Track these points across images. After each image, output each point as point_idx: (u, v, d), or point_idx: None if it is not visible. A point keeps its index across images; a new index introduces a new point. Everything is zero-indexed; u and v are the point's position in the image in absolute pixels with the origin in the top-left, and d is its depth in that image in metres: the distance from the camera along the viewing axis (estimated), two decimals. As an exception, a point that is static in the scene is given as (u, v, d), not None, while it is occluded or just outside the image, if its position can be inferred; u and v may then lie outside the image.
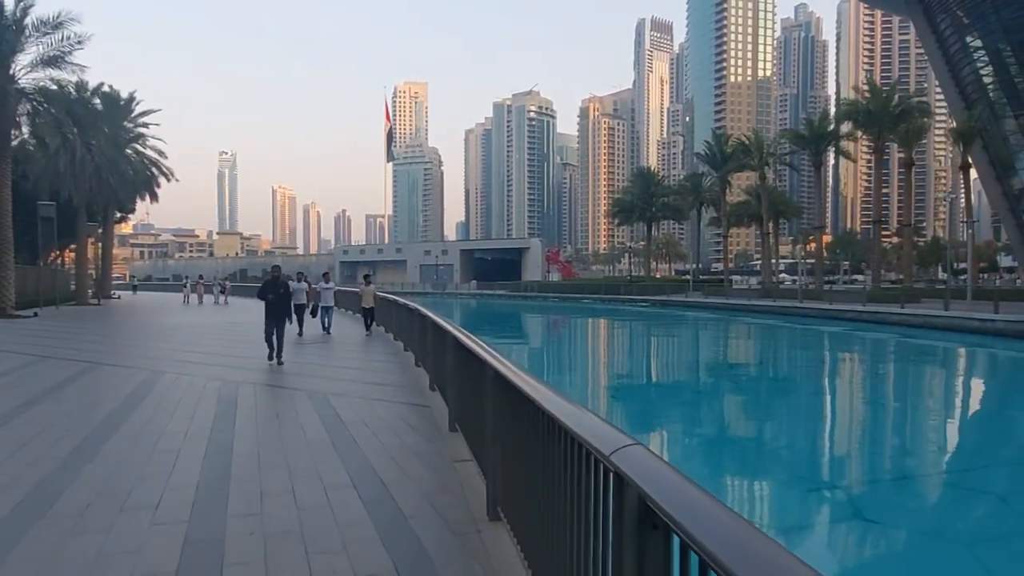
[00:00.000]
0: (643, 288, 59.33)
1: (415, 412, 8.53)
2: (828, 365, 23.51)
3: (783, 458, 12.14)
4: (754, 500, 10.40)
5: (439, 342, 8.66)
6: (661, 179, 70.84)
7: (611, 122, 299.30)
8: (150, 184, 45.83)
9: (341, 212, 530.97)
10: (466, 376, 6.35)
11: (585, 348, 30.84)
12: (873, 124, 42.24)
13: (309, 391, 9.89)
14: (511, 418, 4.19)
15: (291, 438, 7.06)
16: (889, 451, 12.46)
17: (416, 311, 12.31)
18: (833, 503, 9.93)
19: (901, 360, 24.81)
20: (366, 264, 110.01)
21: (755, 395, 18.01)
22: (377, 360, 14.10)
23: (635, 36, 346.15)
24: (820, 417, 15.58)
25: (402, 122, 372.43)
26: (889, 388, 19.19)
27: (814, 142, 47.25)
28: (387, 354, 14.97)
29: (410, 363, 13.03)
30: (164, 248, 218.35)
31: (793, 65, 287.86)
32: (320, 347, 16.04)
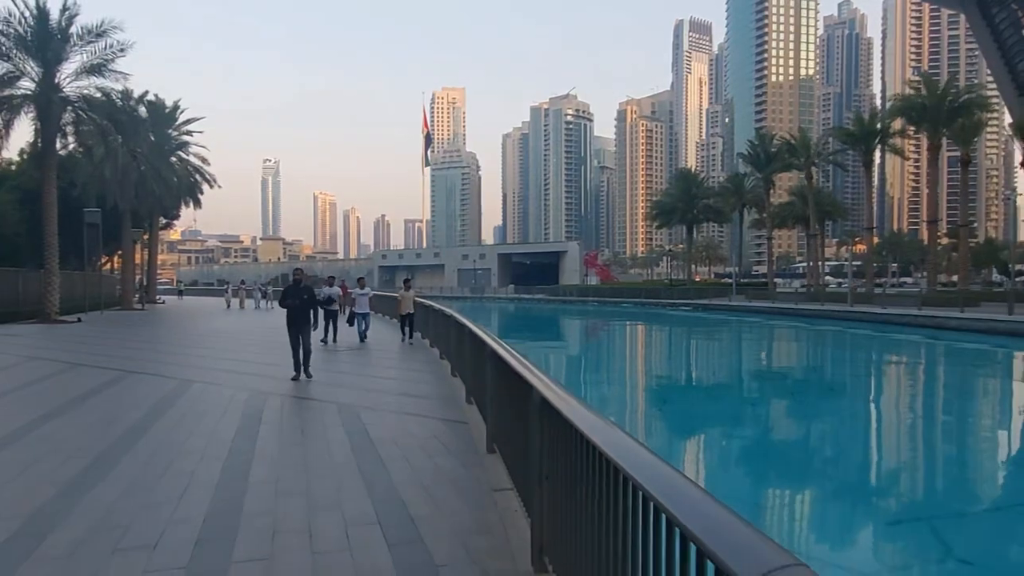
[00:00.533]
0: (684, 292, 57.91)
1: (450, 429, 7.87)
2: (904, 378, 21.70)
3: (872, 487, 11.13)
4: (848, 539, 9.47)
5: (476, 354, 8.00)
6: (702, 180, 69.15)
7: (649, 124, 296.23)
8: (194, 191, 46.43)
9: (380, 217, 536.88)
10: (506, 395, 5.68)
11: (632, 355, 29.73)
12: (928, 120, 40.21)
13: (339, 404, 9.32)
14: (564, 459, 3.47)
15: (315, 459, 6.46)
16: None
17: (452, 318, 11.69)
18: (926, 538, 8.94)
19: (981, 371, 22.96)
20: (404, 269, 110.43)
21: (829, 411, 16.85)
22: (412, 370, 13.52)
23: (673, 38, 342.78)
24: (909, 438, 14.36)
25: (440, 128, 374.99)
26: (983, 406, 17.75)
27: (864, 140, 45.24)
28: (422, 363, 14.38)
29: (446, 372, 12.42)
30: (210, 253, 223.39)
31: (836, 63, 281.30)
32: (353, 356, 15.51)
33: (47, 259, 27.17)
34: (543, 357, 28.09)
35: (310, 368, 11.70)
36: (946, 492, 10.61)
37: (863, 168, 47.73)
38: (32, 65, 26.24)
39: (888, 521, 9.41)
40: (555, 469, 3.75)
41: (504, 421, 5.93)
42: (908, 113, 41.84)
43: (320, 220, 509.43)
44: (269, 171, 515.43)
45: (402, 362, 14.49)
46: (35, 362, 14.45)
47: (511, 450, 5.47)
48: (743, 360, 26.51)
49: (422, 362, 14.41)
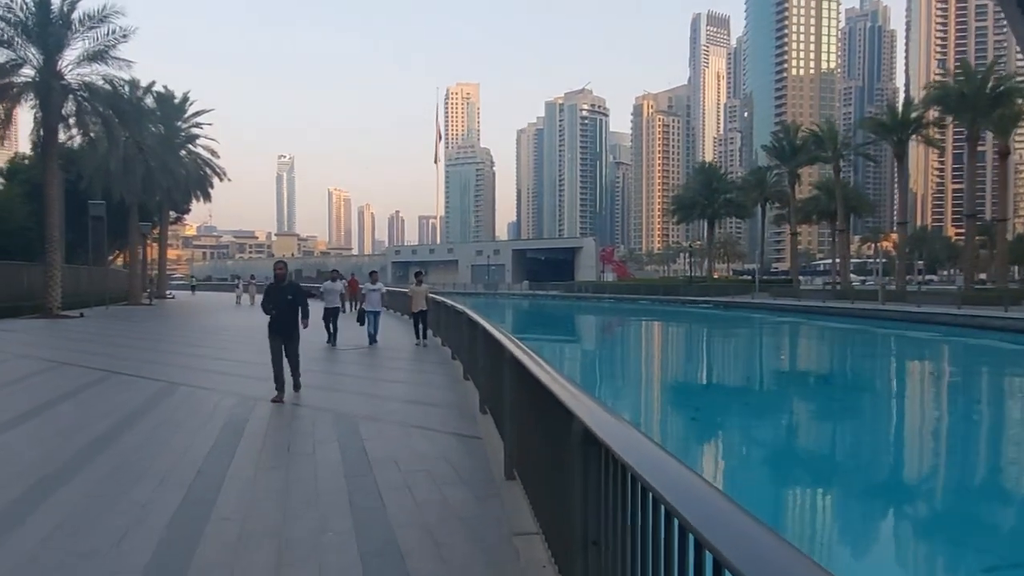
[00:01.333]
0: (705, 289, 56.30)
1: (462, 446, 6.72)
2: (955, 383, 20.10)
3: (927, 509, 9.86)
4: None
5: (492, 357, 6.83)
6: (723, 174, 67.30)
7: (665, 119, 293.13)
8: (203, 184, 45.66)
9: (395, 213, 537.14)
10: (530, 412, 4.54)
11: (658, 355, 28.15)
12: (966, 109, 38.27)
13: (336, 413, 8.19)
14: (623, 522, 2.30)
15: (297, 487, 5.33)
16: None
17: (464, 315, 10.53)
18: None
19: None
20: (418, 264, 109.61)
21: (875, 418, 15.56)
22: (421, 372, 12.40)
23: (690, 32, 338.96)
24: (973, 459, 12.96)
25: (454, 123, 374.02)
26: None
27: (896, 130, 43.30)
28: (433, 364, 13.26)
29: (458, 375, 11.28)
30: (225, 249, 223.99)
31: (858, 57, 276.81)
32: (358, 357, 14.26)
33: (48, 252, 26.37)
34: (561, 355, 26.84)
35: (299, 381, 9.56)
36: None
37: (895, 160, 45.77)
38: (33, 52, 25.40)
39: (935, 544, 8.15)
40: (609, 534, 2.59)
41: (528, 445, 4.78)
42: (945, 101, 39.86)
43: (335, 216, 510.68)
44: (284, 167, 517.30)
45: (411, 364, 13.34)
46: (21, 360, 13.49)
47: (537, 483, 4.32)
48: (782, 364, 24.72)
49: (433, 364, 13.28)
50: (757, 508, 5.32)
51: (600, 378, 21.37)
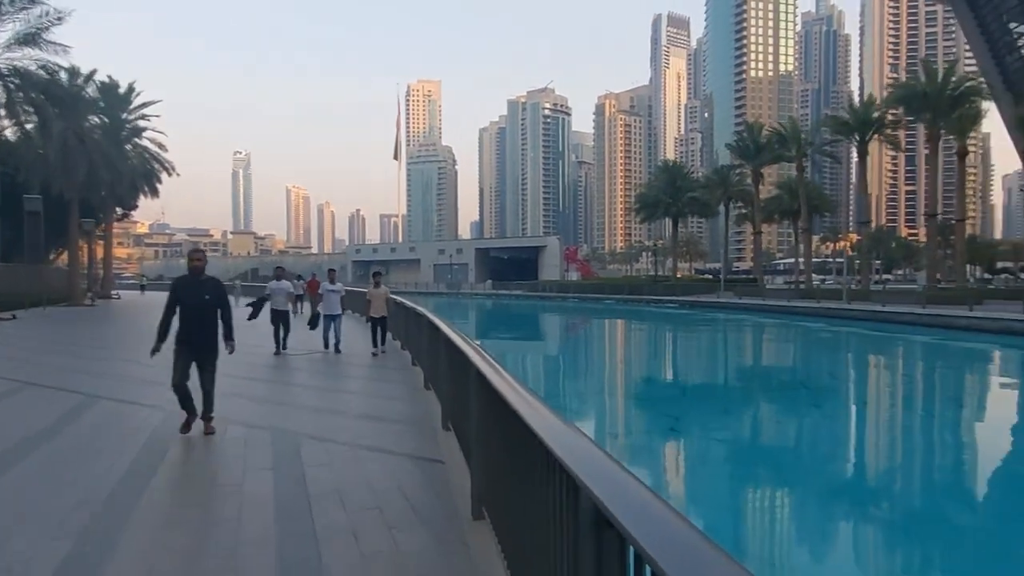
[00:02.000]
0: (670, 288, 56.03)
1: (420, 472, 5.76)
2: (934, 384, 19.76)
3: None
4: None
5: (457, 370, 5.88)
6: (687, 172, 67.24)
7: (627, 119, 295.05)
8: (151, 179, 43.52)
9: (355, 212, 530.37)
10: (502, 440, 3.66)
11: (630, 358, 27.05)
12: (927, 109, 38.64)
13: (277, 432, 7.13)
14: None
15: (213, 536, 4.30)
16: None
17: (424, 318, 9.54)
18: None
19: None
20: (379, 263, 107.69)
21: (861, 420, 15.04)
22: (377, 381, 11.35)
23: (651, 32, 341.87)
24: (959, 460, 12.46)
25: (416, 121, 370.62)
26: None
27: (859, 129, 43.65)
28: (392, 370, 12.22)
29: (419, 383, 10.28)
30: (178, 248, 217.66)
31: (815, 60, 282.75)
32: (310, 365, 12.85)
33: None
34: (529, 358, 26.00)
35: (211, 414, 7.00)
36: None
37: (858, 159, 46.15)
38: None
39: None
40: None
41: (500, 481, 3.86)
42: (907, 101, 40.24)
43: (293, 214, 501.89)
44: (240, 164, 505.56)
45: (367, 372, 12.22)
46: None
47: (513, 529, 3.41)
48: (758, 366, 24.06)
49: (391, 370, 12.24)
50: (744, 518, 4.04)
51: (571, 383, 20.57)
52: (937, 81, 38.92)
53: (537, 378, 20.94)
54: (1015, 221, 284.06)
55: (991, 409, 16.77)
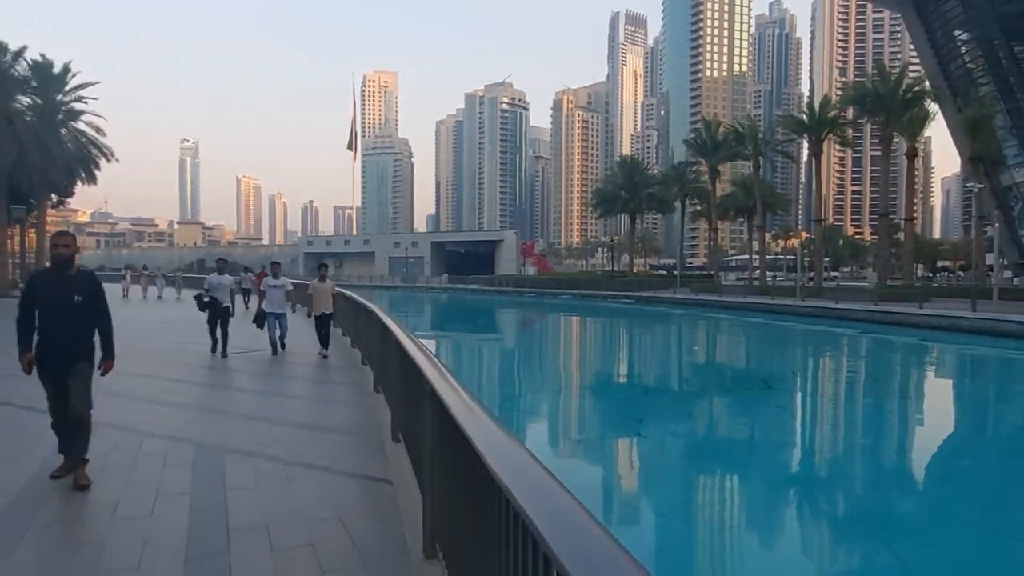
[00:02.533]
0: (626, 284, 55.94)
1: (364, 496, 5.00)
2: (890, 381, 19.70)
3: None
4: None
5: (410, 380, 5.13)
6: (645, 168, 67.36)
7: (585, 115, 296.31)
8: (88, 164, 41.21)
9: (308, 203, 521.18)
10: (460, 477, 2.93)
11: (589, 355, 26.34)
12: (881, 110, 39.22)
13: (200, 446, 6.24)
14: None
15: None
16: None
17: (374, 315, 8.74)
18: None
19: (981, 377, 21.11)
20: (332, 256, 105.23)
21: (827, 417, 14.76)
22: (323, 383, 10.45)
23: (609, 30, 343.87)
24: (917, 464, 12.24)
25: (372, 112, 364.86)
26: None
27: (815, 129, 44.20)
28: (339, 370, 11.35)
29: (368, 384, 9.47)
30: (121, 237, 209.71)
31: (767, 62, 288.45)
32: (250, 366, 11.69)
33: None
34: (486, 354, 25.32)
35: (85, 448, 5.12)
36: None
37: (813, 158, 46.63)
38: None
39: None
40: None
41: (454, 513, 3.15)
42: (862, 102, 40.80)
43: (244, 205, 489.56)
44: (188, 152, 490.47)
45: (312, 373, 11.28)
46: None
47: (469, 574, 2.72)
48: (717, 363, 23.63)
49: (339, 370, 11.37)
50: (698, 514, 3.22)
51: (529, 381, 19.90)
52: (891, 83, 39.60)
53: (492, 376, 20.28)
54: (952, 222, 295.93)
55: (953, 404, 16.81)
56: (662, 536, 8.21)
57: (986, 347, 23.79)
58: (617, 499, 9.52)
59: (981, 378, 20.60)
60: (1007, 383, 19.48)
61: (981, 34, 59.50)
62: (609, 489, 9.97)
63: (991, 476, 10.60)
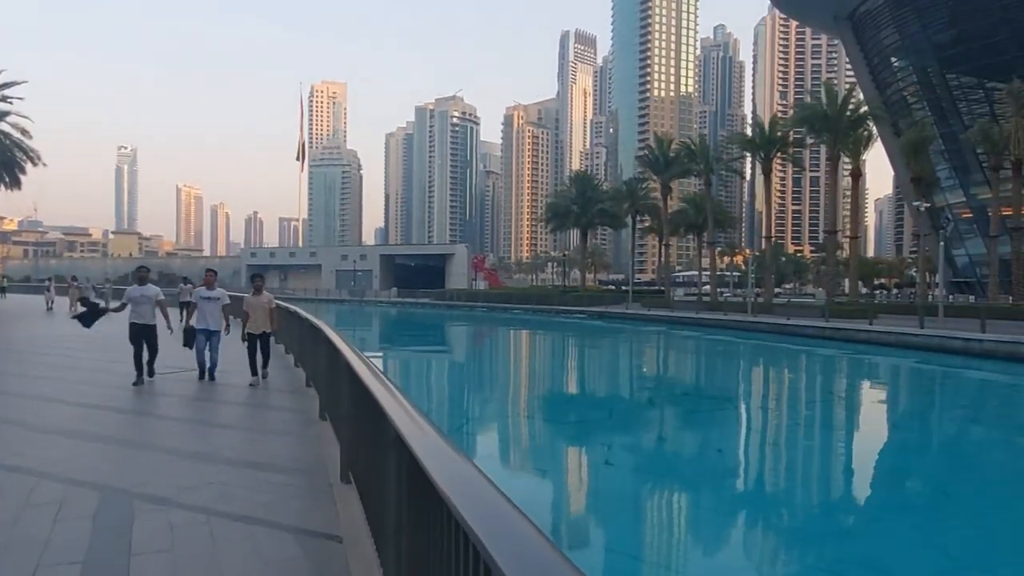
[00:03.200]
0: (578, 299, 55.59)
1: (308, 561, 4.06)
2: (840, 395, 19.62)
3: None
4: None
5: (366, 414, 4.23)
6: (597, 184, 67.40)
7: (535, 131, 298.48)
8: (11, 168, 38.59)
9: (253, 214, 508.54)
10: (440, 543, 2.05)
11: (537, 370, 25.90)
12: (828, 130, 40.04)
13: (108, 491, 5.19)
14: None
15: None
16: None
17: (321, 333, 7.76)
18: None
19: (931, 391, 21.28)
20: (276, 269, 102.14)
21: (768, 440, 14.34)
22: (262, 407, 9.37)
23: (559, 48, 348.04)
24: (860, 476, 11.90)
25: (319, 123, 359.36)
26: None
27: (764, 147, 44.88)
28: (281, 392, 10.28)
29: (313, 411, 8.45)
30: (51, 247, 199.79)
31: (712, 83, 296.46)
32: (179, 389, 10.34)
33: None
34: (439, 371, 24.32)
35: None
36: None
37: (763, 176, 47.33)
38: None
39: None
40: None
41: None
42: (810, 121, 41.57)
43: (184, 215, 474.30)
44: (125, 159, 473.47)
45: (250, 396, 10.13)
46: None
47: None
48: (671, 378, 23.25)
49: (280, 393, 10.29)
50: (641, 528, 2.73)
51: (482, 397, 19.02)
52: (837, 104, 40.51)
53: (445, 394, 19.34)
54: (885, 241, 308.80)
55: (910, 418, 16.70)
56: (619, 558, 7.63)
57: (934, 364, 24.13)
58: (593, 534, 8.79)
59: (942, 393, 20.86)
60: (960, 397, 19.73)
61: (916, 62, 62.10)
62: (583, 521, 9.23)
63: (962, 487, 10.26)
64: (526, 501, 9.49)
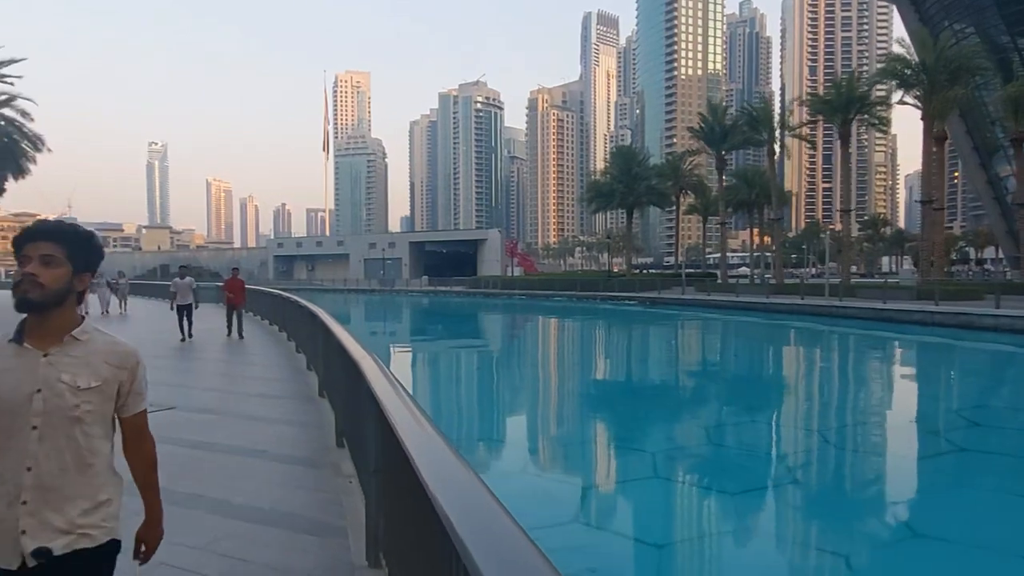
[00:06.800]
0: (627, 284, 51.50)
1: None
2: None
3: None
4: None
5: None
6: (643, 159, 62.85)
7: (560, 114, 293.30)
8: (15, 155, 35.71)
9: (281, 206, 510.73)
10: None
11: (615, 369, 21.00)
12: (920, 85, 34.99)
13: None
14: None
15: None
16: None
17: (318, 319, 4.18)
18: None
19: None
20: (303, 259, 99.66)
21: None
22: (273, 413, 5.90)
23: (582, 30, 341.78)
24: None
25: (344, 112, 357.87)
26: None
27: (842, 109, 39.99)
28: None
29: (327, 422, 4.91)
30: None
31: (738, 61, 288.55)
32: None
33: None
34: (487, 372, 20.54)
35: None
36: None
37: (841, 142, 42.43)
38: None
39: None
40: None
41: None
42: (902, 76, 36.45)
43: (214, 208, 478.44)
44: (156, 155, 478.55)
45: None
46: None
47: None
48: (794, 382, 18.24)
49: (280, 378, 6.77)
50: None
51: (555, 411, 15.29)
52: (933, 53, 35.34)
53: (503, 406, 15.65)
54: (914, 218, 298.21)
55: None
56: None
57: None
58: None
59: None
60: None
61: (979, 23, 56.88)
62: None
63: None
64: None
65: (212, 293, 25.61)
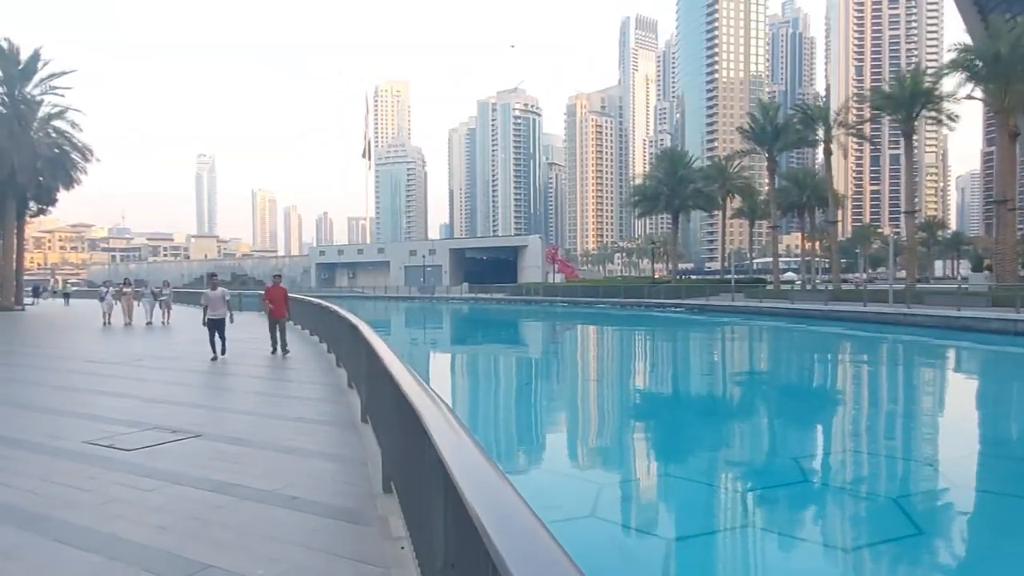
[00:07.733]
0: (673, 291, 49.94)
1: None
2: None
3: None
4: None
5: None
6: (689, 161, 60.99)
7: (599, 119, 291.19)
8: (65, 166, 36.18)
9: (323, 215, 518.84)
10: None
11: (682, 385, 19.53)
12: (998, 75, 32.55)
13: None
14: None
15: None
16: None
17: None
18: None
19: None
20: (345, 267, 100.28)
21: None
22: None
23: (620, 35, 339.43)
24: None
25: (384, 122, 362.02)
26: None
27: (906, 105, 37.86)
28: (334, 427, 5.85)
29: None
30: (136, 252, 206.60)
31: (781, 62, 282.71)
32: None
33: None
34: (548, 385, 19.50)
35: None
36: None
37: (904, 138, 40.24)
38: None
39: None
40: None
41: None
42: (973, 68, 34.03)
43: (259, 218, 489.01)
44: (204, 167, 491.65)
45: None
46: None
47: None
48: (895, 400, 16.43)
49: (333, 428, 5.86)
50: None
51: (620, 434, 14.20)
52: (1007, 42, 32.84)
53: (574, 429, 14.65)
54: (968, 220, 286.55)
55: None
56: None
57: None
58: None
59: None
60: None
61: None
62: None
63: None
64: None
65: (255, 301, 25.63)
